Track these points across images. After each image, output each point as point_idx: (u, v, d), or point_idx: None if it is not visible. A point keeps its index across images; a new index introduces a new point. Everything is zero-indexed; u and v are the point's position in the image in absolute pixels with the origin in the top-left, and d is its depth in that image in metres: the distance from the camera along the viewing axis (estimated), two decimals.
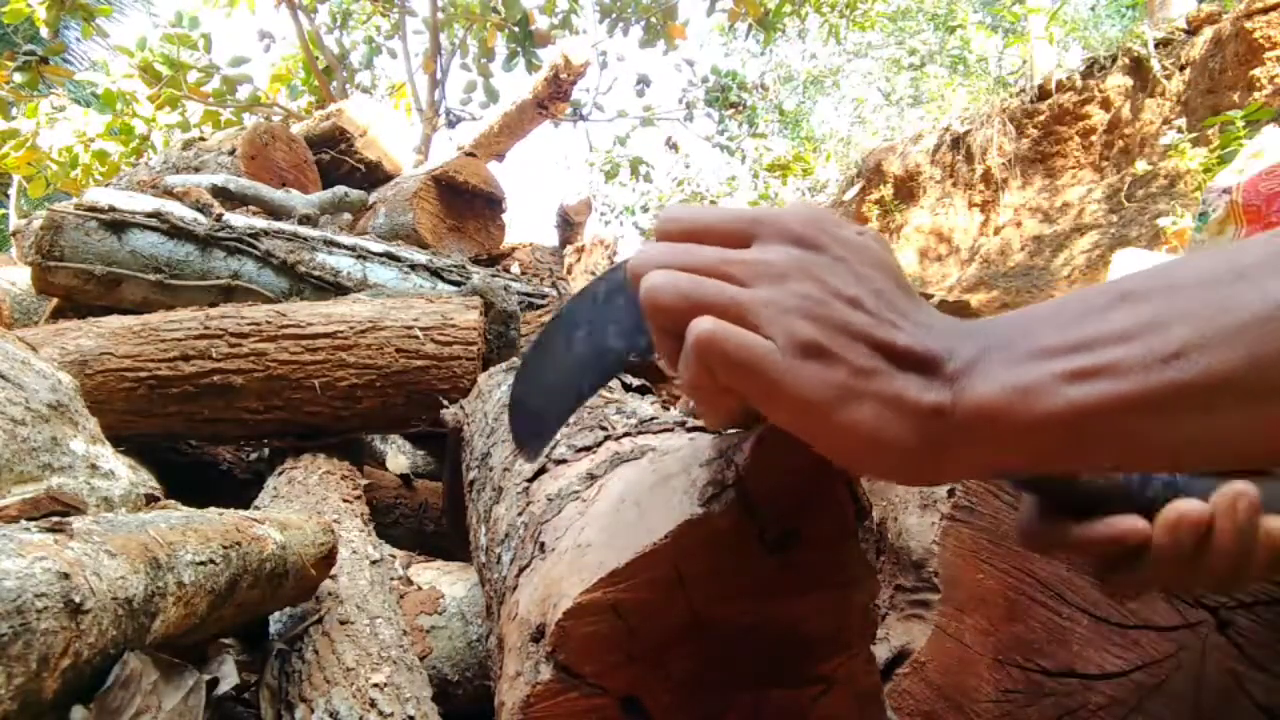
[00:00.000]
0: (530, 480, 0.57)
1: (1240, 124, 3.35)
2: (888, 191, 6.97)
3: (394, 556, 1.07)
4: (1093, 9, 11.12)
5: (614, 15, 5.63)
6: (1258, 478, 0.37)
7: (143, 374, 1.20)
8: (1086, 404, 0.27)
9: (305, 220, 2.18)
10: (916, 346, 0.30)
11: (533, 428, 0.43)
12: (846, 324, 0.30)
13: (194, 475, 1.40)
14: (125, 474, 0.79)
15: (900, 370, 0.30)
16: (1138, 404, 0.26)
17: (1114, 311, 0.28)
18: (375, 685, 0.68)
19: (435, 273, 1.91)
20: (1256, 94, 4.52)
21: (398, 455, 1.65)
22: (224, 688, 0.64)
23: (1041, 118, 6.07)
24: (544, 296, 2.13)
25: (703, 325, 0.30)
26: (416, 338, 1.32)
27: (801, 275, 0.31)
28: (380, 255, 1.90)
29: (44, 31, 4.29)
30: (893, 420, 0.29)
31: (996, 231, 6.25)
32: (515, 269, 2.87)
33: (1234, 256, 0.28)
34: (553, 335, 0.42)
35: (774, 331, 0.30)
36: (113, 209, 1.73)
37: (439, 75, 5.58)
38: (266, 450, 1.42)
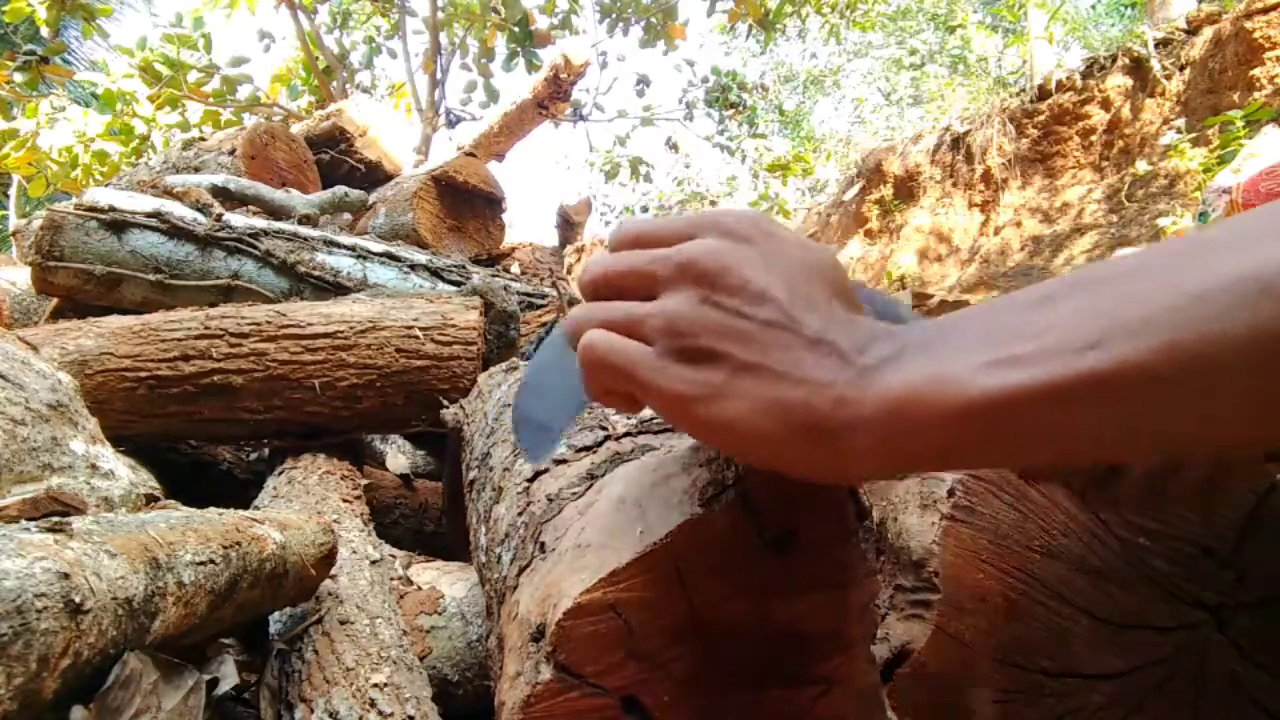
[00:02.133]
0: (530, 480, 0.57)
1: (1240, 124, 3.35)
2: (888, 191, 6.97)
3: (394, 556, 1.07)
4: (1093, 8, 11.12)
5: (614, 15, 5.63)
6: None
7: (143, 374, 1.20)
8: (1001, 393, 0.27)
9: (305, 220, 2.18)
10: (824, 338, 0.31)
11: (539, 437, 0.45)
12: (737, 321, 0.31)
13: (194, 475, 1.40)
14: (125, 474, 0.79)
15: (803, 361, 0.30)
16: (1053, 393, 0.26)
17: (1034, 310, 0.28)
18: (375, 685, 0.68)
19: (435, 273, 1.91)
20: (1256, 94, 4.52)
21: (398, 455, 1.65)
22: (224, 688, 0.64)
23: (1041, 118, 6.07)
24: (544, 296, 2.13)
25: (586, 337, 0.34)
26: (416, 338, 1.32)
27: (716, 268, 0.32)
28: (380, 255, 1.90)
29: (44, 31, 4.29)
30: (778, 414, 0.30)
31: (996, 231, 6.25)
32: (515, 269, 2.87)
33: (1151, 253, 0.28)
34: (551, 348, 0.45)
35: (657, 337, 0.32)
36: (113, 209, 1.73)
37: (439, 75, 5.57)
38: (266, 450, 1.42)
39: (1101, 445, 0.27)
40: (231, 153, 2.71)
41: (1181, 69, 5.27)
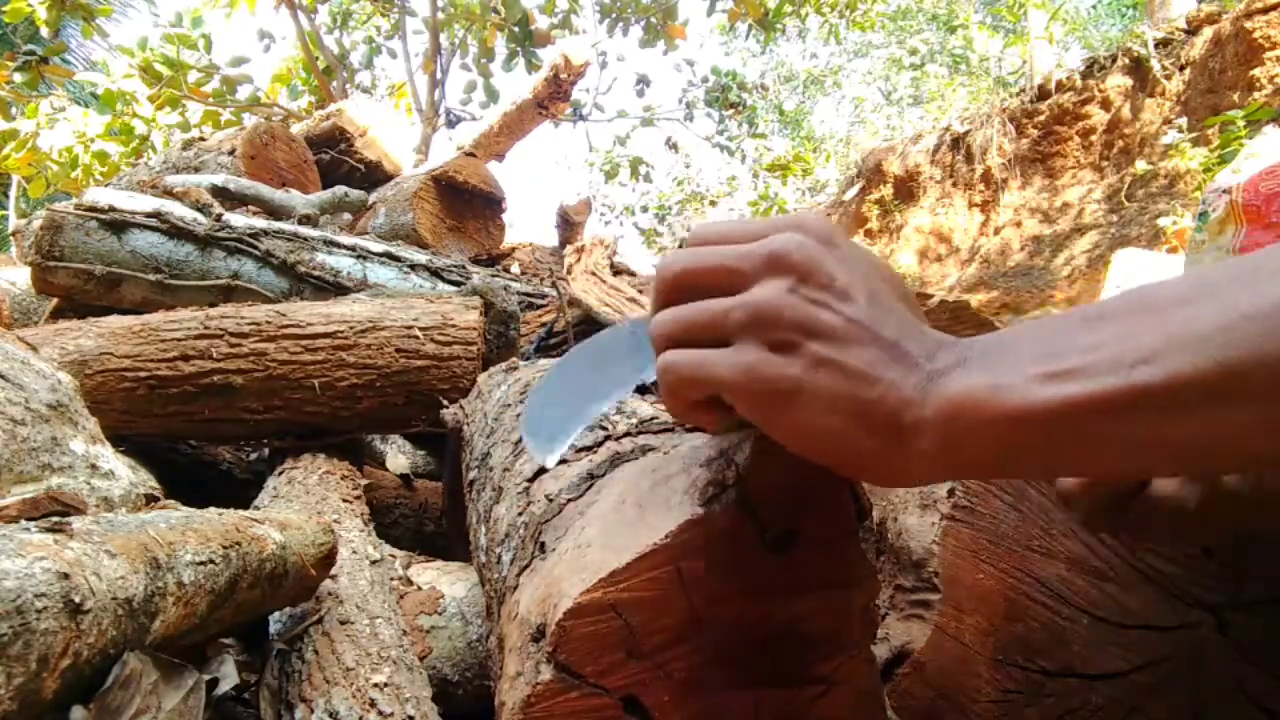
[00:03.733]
0: (530, 480, 0.57)
1: (1240, 124, 3.35)
2: (888, 191, 6.97)
3: (394, 556, 1.07)
4: (1093, 8, 11.12)
5: (614, 15, 5.62)
6: None
7: (143, 374, 1.20)
8: (1054, 402, 0.28)
9: (305, 220, 2.18)
10: (899, 342, 0.32)
11: (550, 431, 0.46)
12: (822, 313, 0.32)
13: (194, 475, 1.40)
14: (125, 474, 0.79)
15: (878, 362, 0.31)
16: (1106, 405, 0.27)
17: (1089, 328, 0.29)
18: (375, 685, 0.68)
19: (435, 273, 1.91)
20: (1256, 94, 4.52)
21: (398, 455, 1.65)
22: (224, 688, 0.64)
23: (1041, 118, 6.07)
24: (544, 296, 2.13)
25: (663, 359, 0.35)
26: (416, 338, 1.32)
27: (805, 261, 0.33)
28: (380, 255, 1.90)
29: (44, 31, 4.29)
30: (852, 411, 0.31)
31: (996, 231, 6.25)
32: (515, 269, 2.87)
33: (1205, 274, 0.29)
34: (578, 356, 0.46)
35: (738, 331, 0.33)
36: (113, 209, 1.73)
37: (439, 75, 5.57)
38: (266, 450, 1.41)
39: (1151, 457, 0.28)
40: (231, 153, 2.71)
41: (1181, 69, 5.27)
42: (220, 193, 2.12)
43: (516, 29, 4.88)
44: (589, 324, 1.78)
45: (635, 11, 5.57)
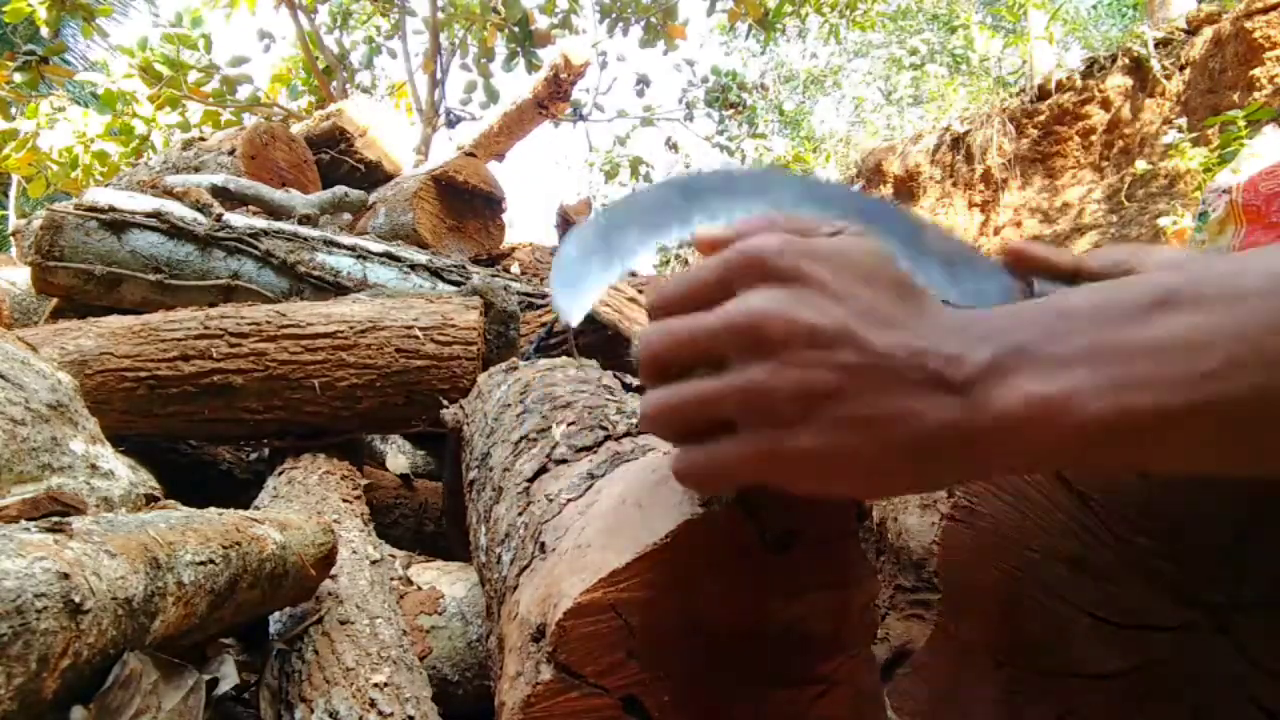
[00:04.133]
0: (530, 480, 0.57)
1: (1240, 124, 3.35)
2: (888, 191, 6.97)
3: (394, 556, 1.07)
4: (1093, 8, 11.12)
5: (614, 15, 5.62)
6: None
7: (143, 374, 1.20)
8: (1122, 415, 0.26)
9: (305, 220, 2.18)
10: (910, 357, 0.29)
11: (578, 284, 0.43)
12: (818, 374, 0.29)
13: (194, 475, 1.40)
14: (125, 474, 0.79)
15: (896, 394, 0.29)
16: (1176, 417, 0.26)
17: (1150, 318, 0.27)
18: (375, 685, 0.68)
19: (435, 273, 1.91)
20: (1256, 94, 4.52)
21: (398, 455, 1.65)
22: (224, 688, 0.64)
23: (1041, 118, 6.07)
24: (544, 296, 2.12)
25: (675, 467, 0.33)
26: (416, 338, 1.32)
27: (776, 330, 0.30)
28: (380, 255, 1.90)
29: (44, 31, 4.29)
30: (894, 455, 0.29)
31: (996, 231, 6.24)
32: (515, 269, 2.87)
33: (1257, 269, 0.27)
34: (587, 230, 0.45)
35: (740, 415, 0.31)
36: (112, 209, 1.73)
37: (439, 75, 5.57)
38: (266, 450, 1.41)
39: (1214, 463, 0.27)
40: (231, 153, 2.71)
41: (1181, 69, 5.27)
42: (220, 193, 2.12)
43: (516, 29, 4.89)
44: (589, 324, 1.78)
45: (635, 11, 5.57)
